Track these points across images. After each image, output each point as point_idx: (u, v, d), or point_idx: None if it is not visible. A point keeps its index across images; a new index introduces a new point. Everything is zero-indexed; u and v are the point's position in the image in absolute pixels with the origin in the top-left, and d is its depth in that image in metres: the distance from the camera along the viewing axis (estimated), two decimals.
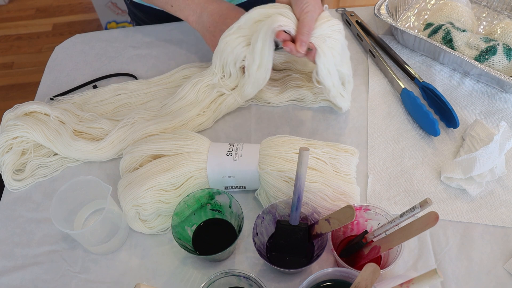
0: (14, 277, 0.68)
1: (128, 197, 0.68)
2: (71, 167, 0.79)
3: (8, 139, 0.77)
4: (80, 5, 2.52)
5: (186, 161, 0.68)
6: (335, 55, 0.72)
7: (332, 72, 0.74)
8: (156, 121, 0.79)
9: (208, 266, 0.67)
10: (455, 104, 0.83)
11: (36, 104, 0.80)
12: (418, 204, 0.53)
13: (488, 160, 0.69)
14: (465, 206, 0.71)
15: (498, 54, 0.81)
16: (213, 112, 0.82)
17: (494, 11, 0.96)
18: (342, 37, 0.74)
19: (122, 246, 0.70)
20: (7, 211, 0.75)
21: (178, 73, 0.89)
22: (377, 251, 0.60)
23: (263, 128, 0.82)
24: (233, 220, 0.68)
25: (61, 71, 0.95)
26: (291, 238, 0.64)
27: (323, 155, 0.68)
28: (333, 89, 0.76)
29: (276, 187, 0.67)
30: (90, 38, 1.00)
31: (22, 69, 2.27)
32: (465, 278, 0.64)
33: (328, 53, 0.71)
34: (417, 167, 0.75)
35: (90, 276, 0.67)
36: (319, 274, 0.54)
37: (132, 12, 1.09)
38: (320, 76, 0.73)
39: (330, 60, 0.72)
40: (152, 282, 0.66)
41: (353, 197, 0.68)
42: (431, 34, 0.87)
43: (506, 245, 0.67)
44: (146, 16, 1.04)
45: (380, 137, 0.80)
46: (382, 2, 0.92)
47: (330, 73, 0.73)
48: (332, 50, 0.72)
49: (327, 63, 0.72)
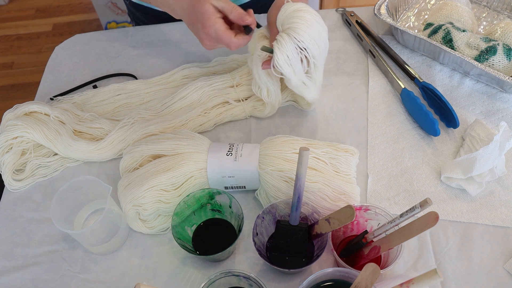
0: (14, 277, 0.68)
1: (128, 197, 0.68)
2: (71, 167, 0.79)
3: (8, 139, 0.77)
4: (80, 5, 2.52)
5: (186, 161, 0.68)
6: (296, 36, 0.67)
7: (292, 57, 0.68)
8: (156, 121, 0.79)
9: (208, 266, 0.67)
10: (455, 104, 0.83)
11: (36, 104, 0.80)
12: (418, 204, 0.53)
13: (488, 160, 0.69)
14: (465, 206, 0.71)
15: (498, 54, 0.81)
16: (215, 116, 0.82)
17: (494, 11, 0.96)
18: (310, 15, 0.68)
19: (122, 246, 0.70)
20: (7, 211, 0.75)
21: (178, 73, 0.89)
22: (377, 251, 0.60)
23: (263, 128, 0.82)
24: (233, 220, 0.68)
25: (61, 71, 0.95)
26: (291, 238, 0.64)
27: (323, 155, 0.68)
28: (294, 78, 0.71)
29: (276, 187, 0.67)
30: (90, 38, 1.00)
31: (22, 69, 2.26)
32: (465, 278, 0.64)
33: (285, 37, 0.67)
34: (417, 167, 0.75)
35: (90, 276, 0.67)
36: (319, 274, 0.54)
37: (131, 12, 1.10)
38: (277, 63, 0.68)
39: (288, 44, 0.67)
40: (152, 282, 0.66)
41: (353, 197, 0.68)
42: (431, 34, 0.87)
43: (506, 245, 0.67)
44: (146, 17, 1.04)
45: (380, 137, 0.80)
46: (382, 2, 0.92)
47: (289, 58, 0.68)
48: (293, 31, 0.67)
49: (283, 47, 0.67)
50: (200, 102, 0.82)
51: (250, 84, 0.82)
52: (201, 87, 0.82)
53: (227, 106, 0.82)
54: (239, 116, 0.83)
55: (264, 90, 0.77)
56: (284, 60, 0.68)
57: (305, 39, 0.68)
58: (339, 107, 0.84)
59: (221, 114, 0.82)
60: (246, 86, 0.83)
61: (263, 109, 0.82)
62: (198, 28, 0.71)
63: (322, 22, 0.71)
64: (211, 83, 0.82)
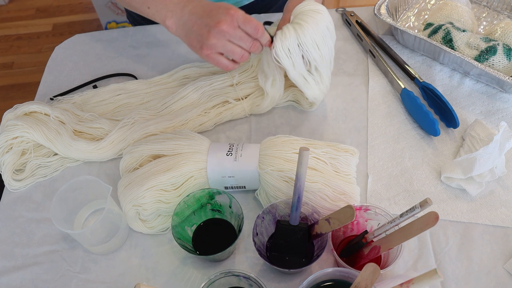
0: (14, 277, 0.68)
1: (128, 197, 0.68)
2: (71, 167, 0.79)
3: (8, 139, 0.77)
4: (80, 5, 2.52)
5: (186, 161, 0.68)
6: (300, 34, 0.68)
7: (293, 51, 0.69)
8: (156, 121, 0.79)
9: (208, 266, 0.67)
10: (455, 104, 0.83)
11: (36, 104, 0.80)
12: (418, 204, 0.53)
13: (488, 160, 0.69)
14: (465, 206, 0.71)
15: (498, 54, 0.81)
16: (215, 115, 0.82)
17: (494, 11, 0.96)
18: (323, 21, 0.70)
19: (122, 246, 0.70)
20: (7, 211, 0.75)
21: (178, 73, 0.89)
22: (377, 251, 0.60)
23: (263, 128, 0.82)
24: (233, 220, 0.68)
25: (61, 71, 0.95)
26: (291, 238, 0.64)
27: (323, 155, 0.68)
28: (293, 71, 0.72)
29: (276, 187, 0.67)
30: (90, 38, 1.00)
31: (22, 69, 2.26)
32: (465, 278, 0.64)
33: (291, 30, 0.68)
34: (417, 167, 0.75)
35: (90, 276, 0.67)
36: (319, 274, 0.54)
37: (130, 15, 1.09)
38: (275, 53, 0.69)
39: (292, 38, 0.68)
40: (152, 282, 0.66)
41: (353, 197, 0.68)
42: (431, 34, 0.87)
43: (506, 245, 0.67)
44: (144, 19, 1.04)
45: (380, 137, 0.79)
46: (382, 2, 0.92)
47: (290, 51, 0.69)
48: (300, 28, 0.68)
49: (286, 40, 0.68)
50: (200, 101, 0.82)
51: (249, 82, 0.82)
52: (201, 87, 0.82)
53: (227, 106, 0.82)
54: (239, 115, 0.83)
55: (270, 79, 0.78)
56: (284, 52, 0.69)
57: (307, 41, 0.69)
58: (339, 107, 0.84)
59: (221, 113, 0.82)
60: (246, 84, 0.83)
61: (261, 103, 0.81)
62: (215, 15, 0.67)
63: (333, 31, 0.73)
64: (211, 83, 0.82)
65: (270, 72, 0.77)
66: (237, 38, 0.67)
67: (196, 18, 0.69)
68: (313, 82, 0.76)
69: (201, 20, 0.68)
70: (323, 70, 0.75)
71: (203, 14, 0.68)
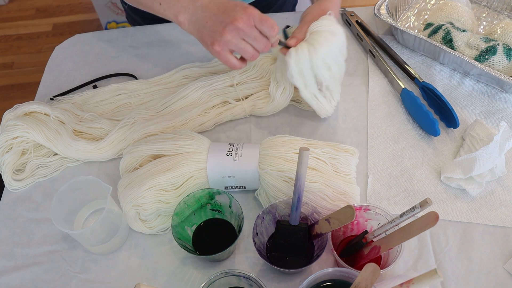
0: (14, 277, 0.68)
1: (128, 197, 0.68)
2: (71, 167, 0.79)
3: (8, 139, 0.77)
4: (80, 5, 2.52)
5: (186, 161, 0.68)
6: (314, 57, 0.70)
7: (306, 72, 0.72)
8: (156, 121, 0.79)
9: (208, 266, 0.67)
10: (455, 104, 0.83)
11: (36, 104, 0.80)
12: (418, 204, 0.53)
13: (488, 160, 0.69)
14: (465, 206, 0.71)
15: (498, 54, 0.81)
16: (215, 115, 0.82)
17: (494, 11, 0.96)
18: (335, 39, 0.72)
19: (122, 246, 0.70)
20: (7, 211, 0.75)
21: (178, 73, 0.89)
22: (377, 251, 0.60)
23: (263, 128, 0.82)
24: (233, 220, 0.68)
25: (61, 71, 0.95)
26: (291, 238, 0.64)
27: (323, 155, 0.68)
28: (305, 90, 0.75)
29: (276, 187, 0.67)
30: (90, 38, 1.00)
31: (22, 69, 2.26)
32: (465, 278, 0.64)
33: (305, 52, 0.70)
34: (417, 167, 0.75)
35: (90, 276, 0.67)
36: (319, 274, 0.54)
37: (130, 16, 1.09)
38: (290, 74, 0.72)
39: (305, 61, 0.71)
40: (152, 282, 0.66)
41: (353, 197, 0.68)
42: (431, 34, 0.87)
43: (506, 245, 0.67)
44: (144, 21, 1.04)
45: (380, 137, 0.79)
46: (382, 2, 0.92)
47: (303, 73, 0.72)
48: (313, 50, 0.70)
49: (300, 62, 0.71)
50: (200, 101, 0.82)
51: (250, 82, 0.83)
52: (201, 87, 0.82)
53: (227, 106, 0.82)
54: (239, 115, 0.83)
55: (281, 88, 0.79)
56: (297, 74, 0.72)
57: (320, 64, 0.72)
58: (339, 107, 0.84)
59: (221, 113, 0.82)
60: (247, 84, 0.83)
61: (265, 107, 0.81)
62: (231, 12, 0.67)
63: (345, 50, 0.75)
64: (211, 83, 0.82)
65: (283, 81, 0.78)
66: (251, 37, 0.67)
67: (211, 14, 0.68)
68: (324, 100, 0.78)
69: (216, 17, 0.68)
70: (334, 88, 0.78)
71: (218, 11, 0.68)
